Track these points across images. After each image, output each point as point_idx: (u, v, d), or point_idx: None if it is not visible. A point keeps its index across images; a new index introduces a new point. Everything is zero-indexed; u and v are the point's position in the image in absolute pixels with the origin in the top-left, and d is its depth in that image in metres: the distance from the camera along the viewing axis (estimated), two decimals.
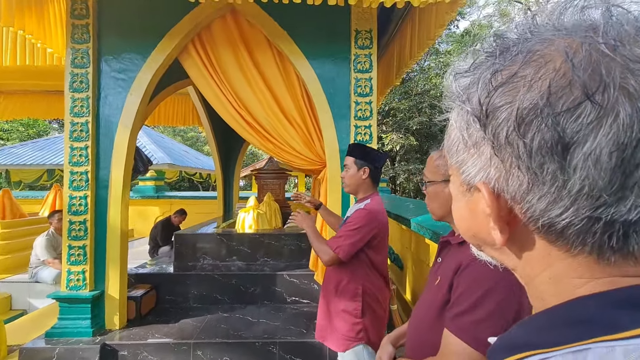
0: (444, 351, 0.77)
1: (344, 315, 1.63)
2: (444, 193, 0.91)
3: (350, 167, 1.70)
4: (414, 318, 0.98)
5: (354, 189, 1.73)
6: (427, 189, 0.97)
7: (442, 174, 0.91)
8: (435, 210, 0.96)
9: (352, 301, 1.63)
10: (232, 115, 2.86)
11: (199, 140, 22.13)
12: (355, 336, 1.61)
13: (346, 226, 1.62)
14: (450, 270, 0.83)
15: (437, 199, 0.93)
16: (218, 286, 3.05)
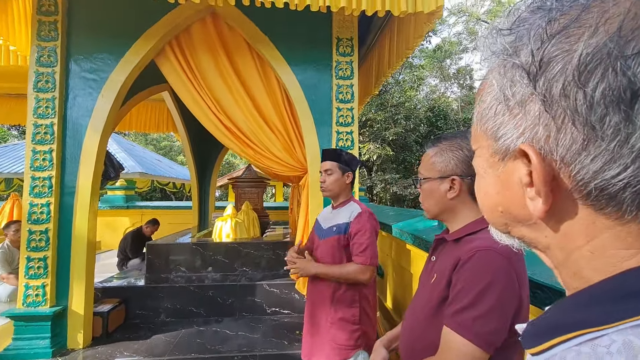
0: (444, 349, 0.74)
1: (342, 324, 1.59)
2: (440, 190, 0.91)
3: (333, 171, 1.69)
4: (408, 319, 0.96)
5: (336, 193, 1.72)
6: (422, 186, 0.95)
7: (439, 171, 0.91)
8: (431, 207, 0.94)
9: (350, 308, 1.61)
10: (211, 120, 2.78)
11: (172, 150, 21.49)
12: (354, 344, 1.58)
13: (360, 237, 1.59)
14: (448, 267, 0.82)
15: (433, 196, 0.92)
16: (193, 298, 2.90)
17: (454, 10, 16.15)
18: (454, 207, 0.90)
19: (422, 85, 15.52)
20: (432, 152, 0.94)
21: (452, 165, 0.88)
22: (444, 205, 0.91)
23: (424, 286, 0.93)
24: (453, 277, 0.78)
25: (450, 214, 0.91)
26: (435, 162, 0.92)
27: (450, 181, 0.88)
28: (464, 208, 0.89)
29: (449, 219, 0.92)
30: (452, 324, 0.74)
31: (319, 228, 1.77)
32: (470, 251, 0.77)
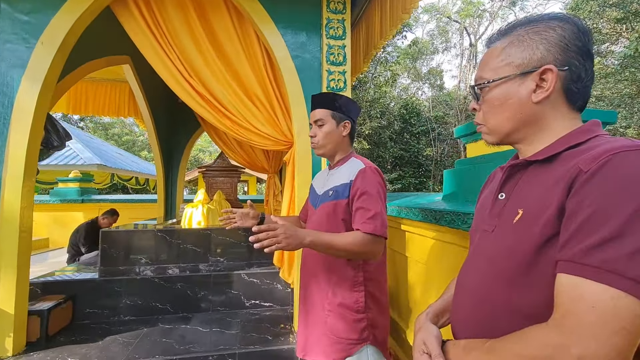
0: (569, 310, 0.47)
1: (342, 311, 1.24)
2: (521, 93, 0.62)
3: (325, 121, 1.34)
4: (468, 283, 0.68)
5: (331, 149, 1.36)
6: (486, 96, 0.67)
7: (518, 65, 0.63)
8: (502, 124, 0.66)
9: (352, 291, 1.25)
10: (182, 86, 2.38)
11: (135, 145, 20.18)
12: (358, 337, 1.23)
13: (367, 197, 1.21)
14: (552, 191, 0.54)
15: (508, 106, 0.64)
16: (158, 293, 2.47)
17: (427, 7, 16.45)
18: (541, 116, 0.63)
19: (396, 83, 15.66)
20: (503, 43, 0.66)
21: (542, 51, 0.61)
22: (525, 116, 0.63)
23: (491, 234, 0.66)
24: (570, 201, 0.51)
25: (532, 128, 0.64)
26: (511, 54, 0.64)
27: (538, 76, 0.61)
28: (555, 117, 0.62)
29: (529, 136, 0.65)
30: (585, 268, 0.46)
31: (314, 195, 1.43)
32: (601, 156, 0.50)
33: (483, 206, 0.76)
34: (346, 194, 1.26)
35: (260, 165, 5.57)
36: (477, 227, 0.75)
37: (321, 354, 1.26)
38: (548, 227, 0.53)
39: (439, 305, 0.79)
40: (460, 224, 1.46)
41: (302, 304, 1.39)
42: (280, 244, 1.04)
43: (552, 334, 0.47)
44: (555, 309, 0.49)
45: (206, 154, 20.15)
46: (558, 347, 0.46)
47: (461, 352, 0.60)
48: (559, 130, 0.62)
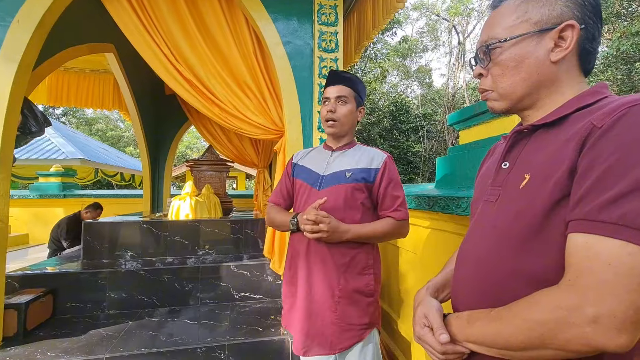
0: (583, 269, 0.44)
1: (355, 297, 1.22)
2: (538, 53, 0.59)
3: (349, 100, 1.31)
4: (472, 253, 0.65)
5: (346, 130, 1.34)
6: (501, 55, 0.62)
7: (536, 22, 0.59)
8: (515, 86, 0.62)
9: (363, 275, 1.25)
10: (168, 71, 2.30)
11: (120, 140, 19.71)
12: (369, 322, 1.23)
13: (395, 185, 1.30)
14: (562, 152, 0.51)
15: (523, 66, 0.60)
16: (144, 286, 2.39)
17: (417, 4, 16.53)
18: (557, 77, 0.59)
19: (385, 81, 15.71)
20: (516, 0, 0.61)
21: (561, 7, 0.57)
22: (542, 77, 0.59)
23: (495, 203, 0.63)
24: (583, 159, 0.48)
25: (546, 91, 0.60)
26: (527, 10, 0.59)
27: (557, 34, 0.57)
28: (568, 79, 0.59)
29: (540, 100, 0.62)
30: (600, 225, 0.43)
31: (310, 175, 1.36)
32: (616, 111, 0.47)
33: (484, 179, 0.73)
34: (371, 179, 1.27)
35: (249, 159, 5.50)
36: (478, 199, 0.72)
37: (326, 347, 1.21)
38: (558, 188, 0.50)
39: (439, 280, 0.77)
40: (454, 209, 1.44)
41: (303, 294, 1.28)
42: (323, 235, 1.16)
43: (564, 295, 0.45)
44: (567, 270, 0.46)
45: (194, 150, 19.84)
46: (571, 308, 0.43)
47: (465, 324, 0.57)
48: (569, 94, 0.60)
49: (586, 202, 0.46)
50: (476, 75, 0.69)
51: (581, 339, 0.42)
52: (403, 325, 2.13)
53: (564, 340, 0.43)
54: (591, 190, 0.46)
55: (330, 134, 1.35)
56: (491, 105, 0.68)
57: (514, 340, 0.48)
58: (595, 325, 0.41)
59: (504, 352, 0.51)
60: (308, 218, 1.15)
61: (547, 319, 0.45)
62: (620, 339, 0.40)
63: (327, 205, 1.23)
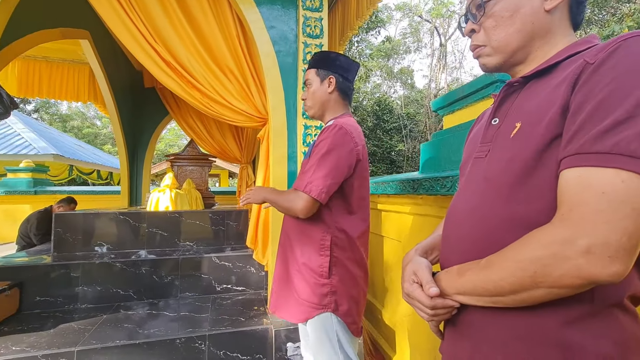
0: (576, 201, 0.42)
1: (306, 273, 1.20)
2: (533, 3, 0.58)
3: (311, 81, 1.30)
4: (463, 208, 0.63)
5: (319, 109, 1.32)
6: (495, 6, 0.61)
7: None
8: (510, 37, 0.60)
9: (318, 254, 1.19)
10: (145, 50, 2.20)
11: (97, 138, 19.02)
12: (318, 303, 1.18)
13: (314, 155, 1.18)
14: (555, 92, 0.50)
15: (516, 17, 0.59)
16: (120, 278, 2.29)
17: (400, 5, 16.78)
18: (550, 27, 0.59)
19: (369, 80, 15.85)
20: None
21: None
22: (537, 27, 0.59)
23: (485, 158, 0.61)
24: (577, 95, 0.47)
25: (540, 41, 0.60)
26: None
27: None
28: (560, 30, 0.59)
29: (533, 53, 0.61)
30: (592, 156, 0.42)
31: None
32: (609, 45, 0.46)
33: (473, 140, 0.72)
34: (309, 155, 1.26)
35: (232, 155, 5.40)
36: (467, 161, 0.71)
37: (288, 314, 1.25)
38: (551, 127, 0.49)
39: (427, 242, 0.75)
40: (438, 189, 1.44)
41: (277, 261, 1.36)
42: (249, 198, 1.34)
43: (557, 230, 0.43)
44: (559, 206, 0.45)
45: (174, 148, 19.39)
46: (564, 241, 0.42)
47: (455, 276, 0.56)
48: (562, 46, 0.59)
49: (580, 136, 0.45)
50: (468, 31, 0.68)
51: (575, 271, 0.41)
52: (387, 314, 2.12)
53: (557, 276, 0.42)
54: (585, 123, 0.44)
55: (310, 117, 1.37)
56: (484, 61, 0.67)
57: (505, 284, 0.47)
58: (588, 255, 0.40)
59: (495, 298, 0.49)
60: None
61: (540, 255, 0.44)
62: (613, 267, 0.39)
63: None
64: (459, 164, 1.54)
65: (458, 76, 19.34)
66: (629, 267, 0.40)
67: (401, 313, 1.92)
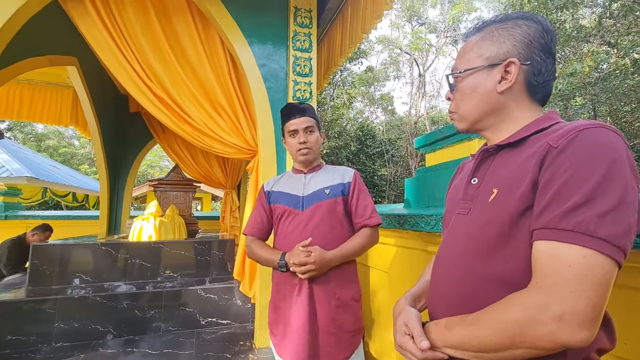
0: (546, 273, 0.50)
1: (349, 304, 1.30)
2: (487, 84, 0.69)
3: (315, 129, 1.42)
4: (447, 261, 0.70)
5: (316, 155, 1.45)
6: (459, 84, 0.73)
7: (487, 58, 0.69)
8: (470, 111, 0.72)
9: (352, 282, 1.35)
10: (139, 87, 2.26)
11: (74, 158, 18.42)
12: (361, 326, 1.32)
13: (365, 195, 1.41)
14: (525, 169, 0.59)
15: (475, 94, 0.70)
16: (100, 314, 2.20)
17: (381, 38, 17.66)
18: (505, 105, 0.69)
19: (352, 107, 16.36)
20: (477, 37, 0.72)
21: (508, 46, 0.67)
22: (491, 105, 0.69)
23: (466, 215, 0.69)
24: (543, 175, 0.56)
25: (497, 117, 0.70)
26: (482, 47, 0.70)
27: (503, 68, 0.67)
28: (517, 107, 0.69)
29: (495, 124, 0.71)
30: (560, 232, 0.50)
31: (290, 198, 1.40)
32: (568, 133, 0.55)
33: (455, 193, 0.80)
34: (346, 192, 1.38)
35: (216, 180, 5.38)
36: (450, 212, 0.79)
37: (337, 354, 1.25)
38: (524, 200, 0.57)
39: (416, 290, 0.81)
40: (423, 226, 1.52)
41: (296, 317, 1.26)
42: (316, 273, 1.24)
43: (533, 296, 0.50)
44: (534, 274, 0.52)
45: (156, 169, 18.98)
46: (540, 306, 0.49)
47: (443, 330, 0.61)
48: (522, 120, 0.69)
49: (548, 212, 0.53)
50: (446, 98, 0.79)
51: (549, 335, 0.47)
52: (374, 346, 2.13)
53: (533, 338, 0.48)
54: (551, 202, 0.53)
55: (304, 161, 1.42)
56: (455, 125, 0.79)
57: (488, 342, 0.53)
58: (560, 322, 0.47)
59: (480, 354, 0.55)
60: (294, 262, 1.24)
61: (518, 318, 0.50)
62: (582, 334, 0.46)
63: (313, 222, 1.30)
64: (442, 201, 1.65)
65: (436, 104, 20.28)
66: (594, 332, 0.47)
67: (388, 344, 1.94)
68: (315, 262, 1.21)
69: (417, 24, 17.90)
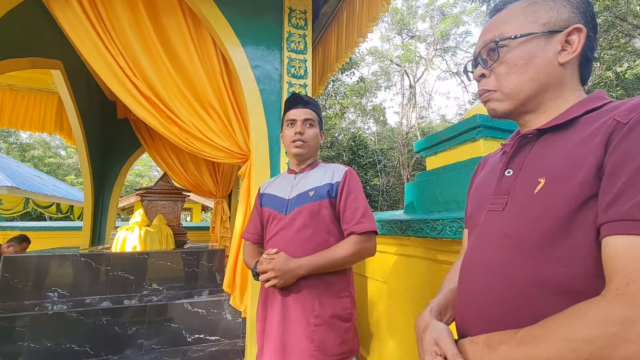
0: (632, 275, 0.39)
1: (333, 322, 1.11)
2: (546, 53, 0.58)
3: (315, 123, 1.31)
4: (481, 266, 0.59)
5: (312, 151, 1.33)
6: (508, 53, 0.61)
7: (544, 23, 0.59)
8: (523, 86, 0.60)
9: (340, 298, 1.16)
10: (124, 85, 2.13)
11: (60, 168, 17.96)
12: (348, 349, 1.12)
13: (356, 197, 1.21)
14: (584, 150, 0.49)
15: (531, 66, 0.59)
16: (75, 331, 2.02)
17: (372, 50, 17.93)
18: (563, 80, 0.59)
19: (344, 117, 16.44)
20: (523, 3, 0.62)
21: (568, 12, 0.58)
22: (550, 78, 0.58)
23: (502, 211, 0.58)
24: (612, 156, 0.46)
25: (552, 93, 0.60)
26: (536, 12, 0.59)
27: (564, 36, 0.57)
28: (572, 84, 0.60)
29: (545, 103, 0.60)
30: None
31: (276, 201, 1.30)
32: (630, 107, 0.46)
33: (482, 189, 0.69)
34: (333, 194, 1.22)
35: (207, 189, 5.23)
36: (476, 211, 0.68)
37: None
38: (586, 187, 0.47)
39: (441, 301, 0.69)
40: (429, 232, 1.42)
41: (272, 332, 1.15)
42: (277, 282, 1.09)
43: (614, 307, 0.39)
44: (611, 278, 0.42)
45: (145, 179, 18.61)
46: (625, 321, 0.38)
47: (484, 349, 0.49)
48: (572, 100, 0.59)
49: (623, 200, 0.42)
50: (477, 76, 0.67)
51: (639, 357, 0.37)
52: None
53: None
54: (627, 187, 0.42)
55: (297, 154, 1.30)
56: (493, 106, 0.65)
57: None
58: None
59: None
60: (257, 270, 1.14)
61: (596, 335, 0.39)
62: None
63: (295, 228, 1.19)
64: (447, 205, 1.56)
65: (426, 115, 20.54)
66: None
67: (388, 359, 1.81)
68: (275, 269, 1.08)
69: (407, 36, 18.25)
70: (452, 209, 1.49)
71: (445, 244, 1.37)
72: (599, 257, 0.45)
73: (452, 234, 1.25)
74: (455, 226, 1.24)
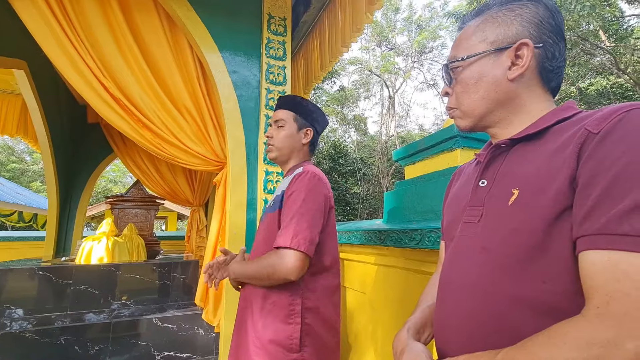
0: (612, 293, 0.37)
1: (272, 349, 0.99)
2: (495, 71, 0.59)
3: (287, 123, 1.23)
4: (458, 282, 0.56)
5: (285, 154, 1.24)
6: (459, 75, 0.63)
7: (492, 42, 0.60)
8: (475, 104, 0.61)
9: (286, 324, 1.01)
10: (92, 86, 2.01)
11: (24, 174, 16.96)
12: None
13: (290, 204, 1.05)
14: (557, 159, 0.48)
15: (481, 84, 0.60)
16: (31, 353, 1.85)
17: (352, 60, 18.24)
18: (517, 95, 0.59)
19: None
20: (476, 22, 0.63)
21: (516, 27, 0.58)
22: (501, 95, 0.59)
23: (478, 223, 0.57)
24: (584, 167, 0.44)
25: (508, 109, 0.60)
26: (485, 30, 0.60)
27: (513, 52, 0.58)
28: (531, 97, 0.59)
29: (505, 118, 0.61)
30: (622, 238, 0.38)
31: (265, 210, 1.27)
32: (612, 115, 0.45)
33: (457, 200, 0.68)
34: (281, 204, 1.11)
35: (183, 197, 5.06)
36: (452, 223, 0.66)
37: None
38: (560, 199, 0.45)
39: (418, 319, 0.66)
40: (407, 242, 1.40)
41: (234, 333, 1.15)
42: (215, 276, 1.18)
43: (595, 327, 0.37)
44: (591, 296, 0.40)
45: (119, 185, 17.88)
46: (607, 343, 0.36)
47: None
48: (536, 112, 0.59)
49: (599, 213, 0.41)
50: (443, 94, 0.69)
51: None
52: None
53: None
54: (602, 200, 0.41)
55: (270, 159, 1.29)
56: (457, 123, 0.68)
57: None
58: None
59: None
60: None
61: (578, 358, 0.37)
62: None
63: (259, 241, 1.18)
64: (425, 214, 1.55)
65: (405, 124, 21.02)
66: None
67: None
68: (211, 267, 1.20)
69: (387, 48, 18.71)
70: (430, 219, 1.48)
71: (425, 254, 1.35)
72: (577, 271, 0.43)
73: (431, 244, 1.23)
74: (434, 236, 1.23)
